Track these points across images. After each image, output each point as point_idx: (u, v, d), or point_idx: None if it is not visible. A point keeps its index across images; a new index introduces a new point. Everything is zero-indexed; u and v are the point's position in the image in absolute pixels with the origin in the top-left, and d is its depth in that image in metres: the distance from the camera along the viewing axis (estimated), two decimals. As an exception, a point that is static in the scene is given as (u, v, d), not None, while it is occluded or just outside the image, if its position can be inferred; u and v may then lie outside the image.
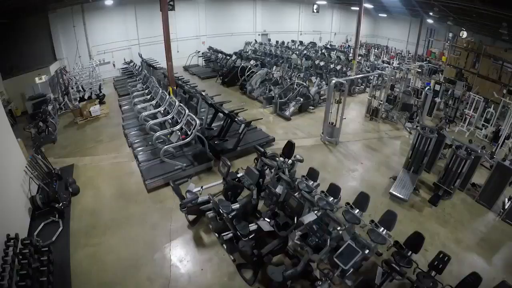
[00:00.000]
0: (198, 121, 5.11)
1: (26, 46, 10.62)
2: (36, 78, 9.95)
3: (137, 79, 10.84)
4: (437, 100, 9.54)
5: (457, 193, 5.71)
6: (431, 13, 13.26)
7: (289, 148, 5.03)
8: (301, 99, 8.80)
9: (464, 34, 13.68)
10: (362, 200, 4.20)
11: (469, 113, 9.02)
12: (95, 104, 9.88)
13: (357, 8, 19.64)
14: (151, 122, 6.11)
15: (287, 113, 8.59)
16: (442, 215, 5.17)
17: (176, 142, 5.45)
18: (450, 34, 16.09)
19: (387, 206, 5.00)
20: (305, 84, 8.81)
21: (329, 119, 6.87)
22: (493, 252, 4.42)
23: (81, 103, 9.88)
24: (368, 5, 13.15)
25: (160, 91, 7.12)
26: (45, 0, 10.02)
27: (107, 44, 14.09)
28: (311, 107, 9.17)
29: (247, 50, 17.91)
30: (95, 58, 13.90)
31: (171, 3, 15.44)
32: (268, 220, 3.88)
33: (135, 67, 12.77)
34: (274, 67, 11.57)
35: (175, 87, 8.48)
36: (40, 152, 6.19)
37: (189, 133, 5.16)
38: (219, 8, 16.77)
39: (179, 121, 5.73)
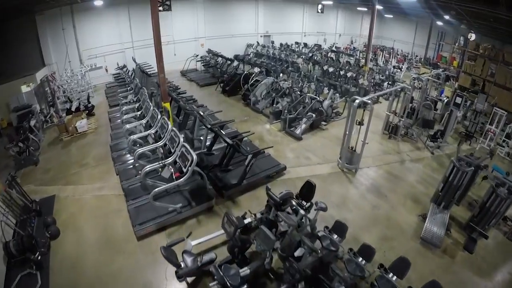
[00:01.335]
0: (195, 157, 4.23)
1: (12, 51, 9.73)
2: (23, 86, 9.06)
3: (129, 88, 9.90)
4: (459, 114, 8.68)
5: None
6: (445, 16, 12.41)
7: (308, 189, 4.19)
8: (313, 115, 7.89)
9: (472, 36, 12.97)
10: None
11: (491, 129, 8.26)
12: (82, 118, 8.97)
13: (364, 9, 18.89)
14: (140, 150, 5.23)
15: (297, 131, 7.63)
16: (475, 261, 4.47)
17: (168, 178, 4.58)
18: (462, 38, 15.27)
19: (418, 254, 4.38)
20: (318, 98, 7.88)
21: (349, 143, 6.00)
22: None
23: (67, 117, 8.98)
24: (379, 6, 12.19)
25: (151, 107, 6.21)
26: (30, 1, 9.08)
27: (99, 48, 13.14)
28: (323, 123, 8.29)
29: (249, 53, 17.00)
30: (86, 62, 12.97)
31: (168, 3, 14.55)
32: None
33: (128, 73, 11.80)
34: (281, 74, 10.61)
35: (170, 101, 7.57)
36: (15, 184, 5.32)
37: (184, 170, 4.29)
38: (219, 8, 15.78)
39: (172, 150, 4.85)
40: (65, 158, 7.33)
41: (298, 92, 8.38)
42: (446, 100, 9.17)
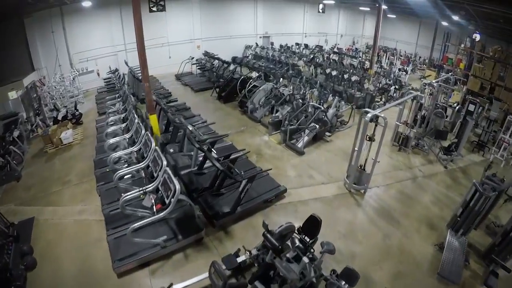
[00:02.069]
0: (178, 187, 3.62)
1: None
2: (12, 92, 8.47)
3: (117, 95, 9.30)
4: (472, 122, 8.04)
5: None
6: (453, 17, 11.78)
7: (312, 225, 3.59)
8: (317, 126, 7.21)
9: (477, 37, 12.59)
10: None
11: (505, 139, 7.66)
12: (67, 129, 8.38)
13: (366, 9, 18.25)
14: (120, 172, 4.63)
15: (299, 144, 6.92)
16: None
17: (150, 208, 3.99)
18: (468, 39, 14.66)
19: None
20: (322, 107, 7.18)
21: (358, 161, 5.36)
22: None
23: (51, 127, 8.39)
24: (385, 6, 11.55)
25: (136, 120, 5.61)
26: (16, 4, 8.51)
27: (90, 51, 12.55)
28: (327, 133, 7.60)
29: (248, 55, 16.37)
30: (77, 66, 12.38)
31: (161, 3, 13.92)
32: None
33: (119, 78, 11.19)
34: (281, 79, 9.93)
35: (159, 112, 6.98)
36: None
37: (166, 201, 3.70)
38: (216, 8, 15.14)
39: (155, 174, 4.26)
40: (48, 173, 6.79)
41: (300, 100, 7.72)
42: (457, 107, 8.55)
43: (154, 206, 3.83)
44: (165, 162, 4.05)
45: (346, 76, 11.15)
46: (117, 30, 12.88)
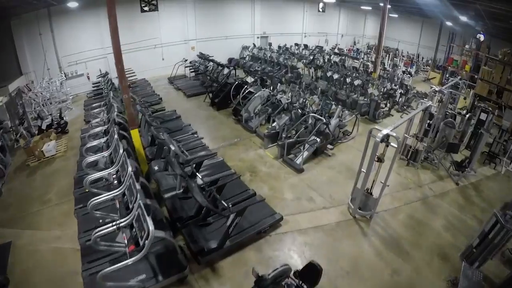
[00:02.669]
0: (151, 228, 3.07)
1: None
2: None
3: (103, 103, 8.73)
4: (481, 131, 7.45)
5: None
6: (461, 17, 11.16)
7: (312, 272, 3.05)
8: (318, 140, 6.58)
9: (481, 37, 12.10)
10: None
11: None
12: (50, 140, 7.83)
13: (368, 8, 17.61)
14: (94, 200, 4.08)
15: (298, 160, 6.29)
16: None
17: (123, 245, 3.45)
18: (473, 40, 14.05)
19: None
20: (324, 119, 6.49)
21: (365, 184, 4.78)
22: None
23: (34, 138, 7.85)
24: (389, 5, 10.92)
25: (116, 136, 5.05)
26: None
27: (79, 53, 11.99)
28: (329, 146, 6.97)
29: (245, 56, 15.76)
30: (66, 69, 11.84)
31: (154, 2, 13.29)
32: None
33: (108, 83, 10.62)
34: (278, 85, 9.30)
35: (144, 124, 6.41)
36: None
37: (140, 242, 3.16)
38: (211, 7, 14.49)
39: (130, 205, 3.73)
40: (28, 190, 6.32)
41: (299, 111, 7.12)
42: (468, 115, 7.98)
43: (127, 248, 3.29)
44: (139, 194, 3.50)
45: (348, 80, 10.54)
46: (107, 31, 12.11)
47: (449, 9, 9.83)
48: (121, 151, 4.51)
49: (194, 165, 4.50)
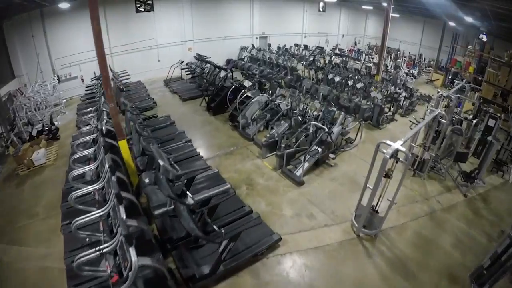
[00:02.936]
0: (134, 259, 2.76)
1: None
2: None
3: (94, 109, 8.40)
4: (491, 140, 7.13)
5: None
6: (466, 17, 10.82)
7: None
8: (319, 150, 6.20)
9: (483, 37, 12.06)
10: None
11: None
12: (40, 148, 7.52)
13: (369, 7, 17.23)
14: (78, 221, 3.77)
15: (298, 172, 5.91)
16: None
17: (106, 274, 3.14)
18: (476, 41, 13.70)
19: None
20: (326, 128, 6.10)
21: (371, 202, 4.44)
22: None
23: (23, 146, 7.55)
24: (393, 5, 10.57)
25: (102, 150, 4.73)
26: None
27: (73, 56, 11.66)
28: (331, 155, 6.52)
29: (243, 57, 15.42)
30: (59, 72, 11.54)
31: (149, 2, 12.93)
32: None
33: (101, 86, 10.28)
34: (278, 89, 8.94)
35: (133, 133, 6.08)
36: None
37: (124, 273, 2.86)
38: (209, 7, 14.12)
39: (114, 229, 3.42)
40: (16, 202, 6.02)
41: (300, 118, 6.75)
42: (475, 121, 7.65)
43: (109, 279, 2.99)
44: (121, 223, 3.17)
45: (350, 82, 10.20)
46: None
47: (455, 9, 9.48)
48: (106, 165, 4.19)
49: (185, 181, 4.18)
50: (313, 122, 6.30)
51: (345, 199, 5.51)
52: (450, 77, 14.35)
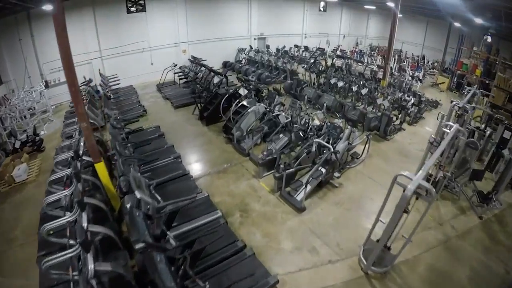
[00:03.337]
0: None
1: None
2: None
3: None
4: (506, 154, 6.54)
5: None
6: (476, 18, 10.25)
7: None
8: (323, 171, 5.55)
9: (488, 38, 11.68)
10: None
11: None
12: (21, 162, 7.00)
13: (372, 7, 16.61)
14: (48, 261, 3.26)
15: (299, 197, 5.28)
16: None
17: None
18: (483, 42, 13.11)
19: None
20: (331, 147, 5.46)
21: (385, 239, 3.87)
22: None
23: (5, 160, 7.04)
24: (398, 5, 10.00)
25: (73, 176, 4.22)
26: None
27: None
28: (336, 174, 5.93)
29: (241, 59, 14.85)
30: (48, 77, 11.01)
31: (141, 2, 12.32)
32: None
33: (88, 93, 9.75)
34: (276, 97, 8.35)
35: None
36: None
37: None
38: (204, 7, 13.54)
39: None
40: (-5, 223, 5.57)
41: (301, 134, 6.16)
42: (489, 132, 7.11)
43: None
44: (91, 265, 2.67)
45: (354, 88, 9.63)
46: (91, 35, 11.42)
47: (466, 10, 8.89)
48: (76, 198, 3.67)
49: (166, 218, 3.65)
50: (317, 140, 5.71)
51: (352, 227, 4.96)
52: (455, 80, 13.78)
